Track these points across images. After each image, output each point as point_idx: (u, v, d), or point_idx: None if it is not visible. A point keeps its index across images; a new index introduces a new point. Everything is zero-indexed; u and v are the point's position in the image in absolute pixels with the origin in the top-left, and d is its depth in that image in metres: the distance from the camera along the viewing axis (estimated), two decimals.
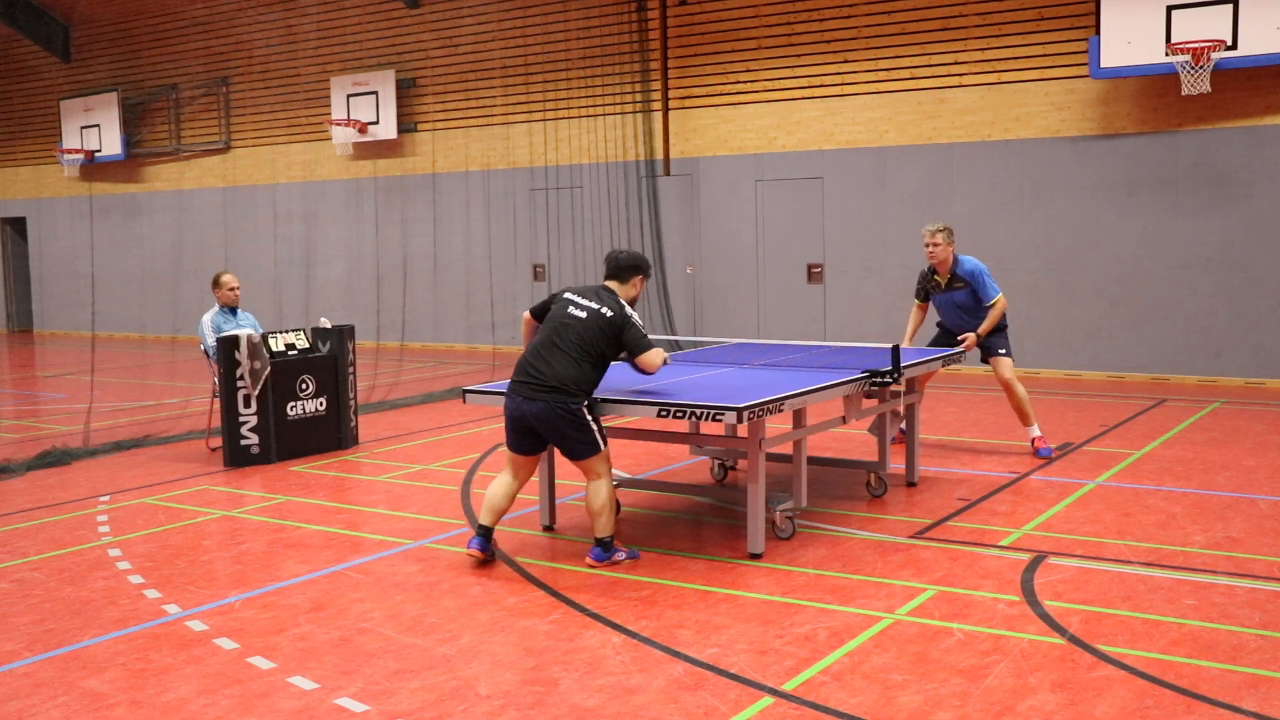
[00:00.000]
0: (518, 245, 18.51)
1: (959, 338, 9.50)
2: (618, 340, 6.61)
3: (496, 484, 6.84)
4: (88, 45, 23.68)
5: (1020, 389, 9.53)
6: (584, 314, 6.62)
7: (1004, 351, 9.57)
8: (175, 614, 6.03)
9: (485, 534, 6.75)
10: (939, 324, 9.95)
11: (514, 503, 6.89)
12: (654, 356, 6.67)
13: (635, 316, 6.69)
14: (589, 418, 6.57)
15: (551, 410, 6.49)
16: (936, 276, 9.62)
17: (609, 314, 6.60)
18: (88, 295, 23.26)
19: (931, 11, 14.89)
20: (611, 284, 6.84)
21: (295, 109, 20.93)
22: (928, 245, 9.47)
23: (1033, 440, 9.57)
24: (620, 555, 6.70)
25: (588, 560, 6.67)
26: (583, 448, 6.61)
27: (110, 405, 13.55)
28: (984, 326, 9.41)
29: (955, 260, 9.51)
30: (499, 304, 18.47)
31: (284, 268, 21.17)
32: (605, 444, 6.67)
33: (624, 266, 6.85)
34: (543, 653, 5.35)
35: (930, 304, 9.88)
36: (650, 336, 6.80)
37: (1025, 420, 9.60)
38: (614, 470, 9.09)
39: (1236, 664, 5.03)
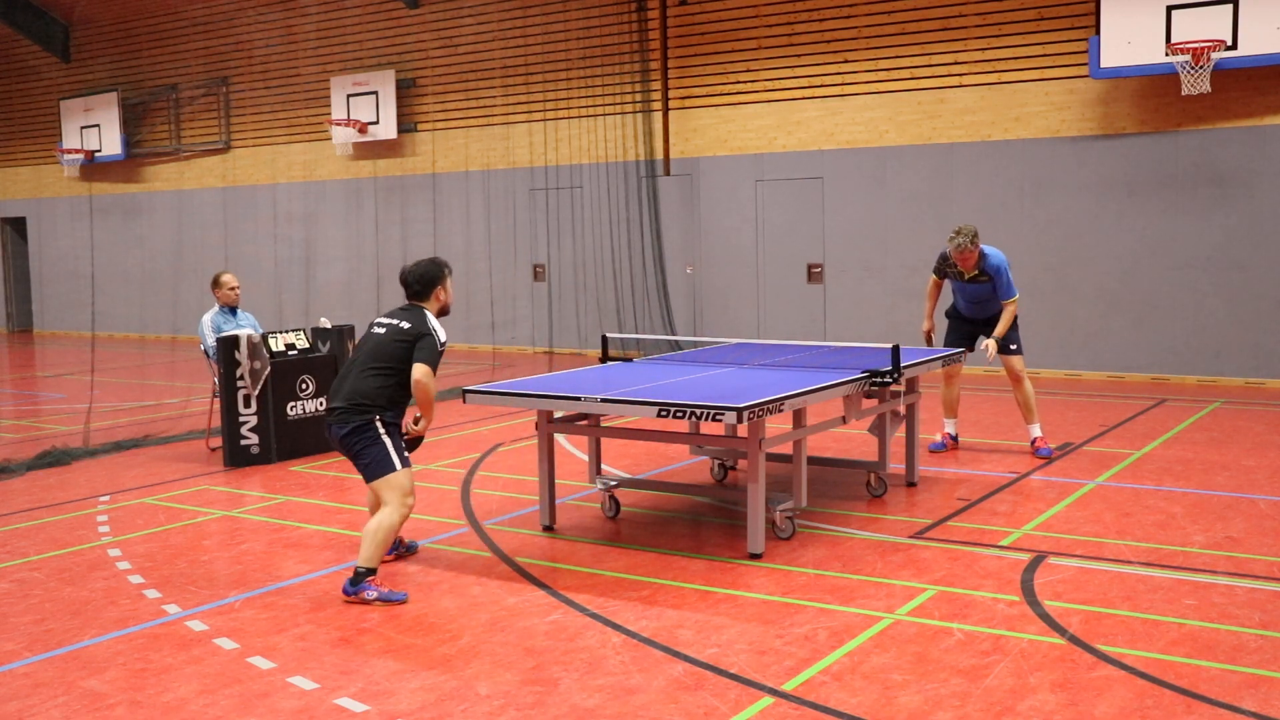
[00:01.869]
0: (518, 245, 18.51)
1: (983, 345, 9.39)
2: (412, 349, 6.29)
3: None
4: (88, 45, 23.68)
5: (1028, 386, 9.56)
6: (382, 330, 6.42)
7: (1015, 348, 9.56)
8: (175, 614, 6.03)
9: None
10: (951, 313, 9.87)
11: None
12: (421, 373, 6.21)
13: (436, 329, 6.34)
14: (381, 431, 6.24)
15: (341, 430, 6.27)
16: (959, 268, 9.46)
17: (406, 326, 6.35)
18: (88, 295, 23.26)
19: (931, 11, 14.89)
20: (416, 302, 6.56)
21: (295, 109, 20.93)
22: (956, 254, 9.24)
23: (1033, 440, 9.58)
24: (371, 594, 6.09)
25: (342, 591, 6.22)
26: (372, 465, 6.23)
27: (110, 405, 13.55)
28: (1000, 329, 9.33)
29: (980, 255, 9.34)
30: (499, 304, 18.47)
31: (284, 268, 21.17)
32: (403, 464, 6.25)
33: (418, 288, 6.53)
34: (543, 653, 5.35)
35: (945, 281, 9.76)
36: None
37: (1028, 418, 9.62)
38: (613, 470, 9.10)
39: (1236, 664, 5.03)
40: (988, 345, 9.35)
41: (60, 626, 5.89)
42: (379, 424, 6.26)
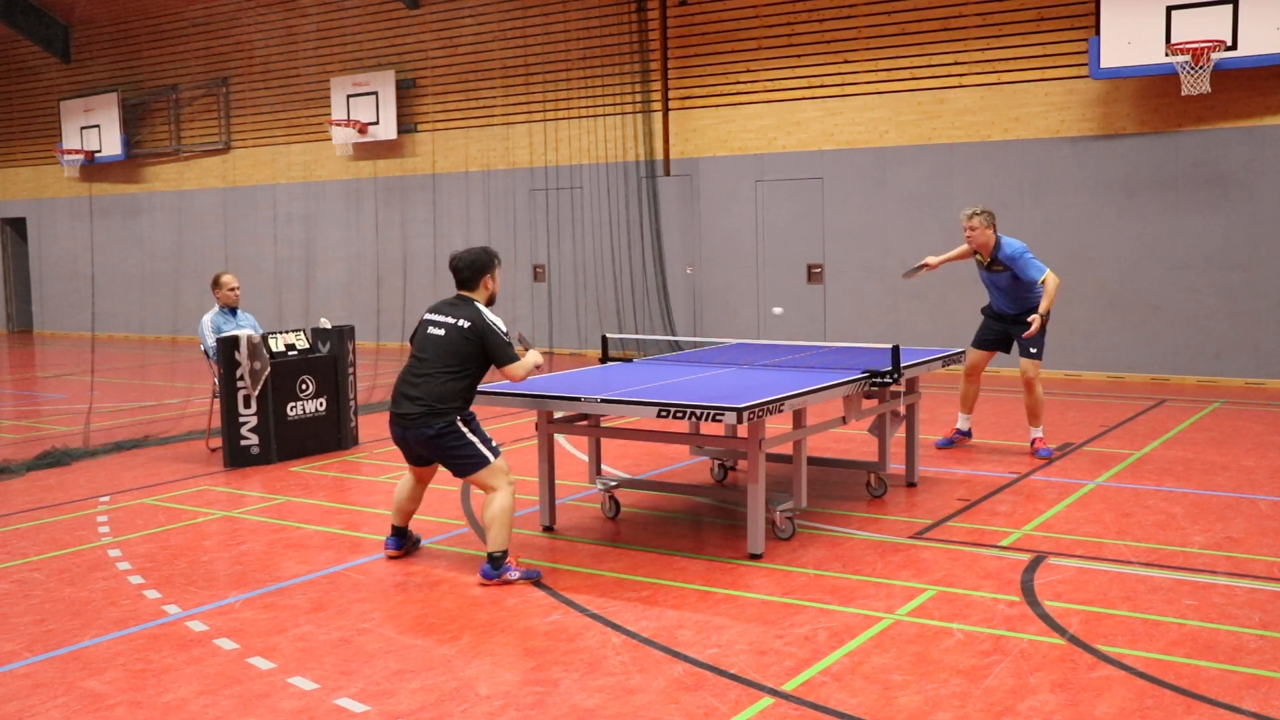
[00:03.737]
0: (518, 245, 18.51)
1: (1028, 319, 9.13)
2: (482, 349, 6.49)
3: (400, 485, 6.94)
4: (88, 45, 23.67)
5: (1040, 391, 9.48)
6: (442, 330, 6.53)
7: (1035, 352, 9.37)
8: (175, 614, 6.03)
9: (398, 534, 6.96)
10: (986, 310, 9.76)
11: (420, 502, 6.96)
12: (517, 369, 6.54)
13: (495, 323, 6.53)
14: (465, 430, 6.43)
15: (425, 432, 6.40)
16: (978, 255, 9.39)
17: (465, 325, 6.49)
18: (88, 295, 23.26)
19: (931, 11, 14.89)
20: (464, 292, 6.71)
21: (295, 109, 20.93)
22: (965, 229, 9.25)
23: (1033, 440, 9.57)
24: (513, 574, 6.34)
25: (478, 578, 6.41)
26: (467, 463, 6.46)
27: (110, 405, 13.55)
28: (1044, 305, 9.10)
29: (997, 243, 9.24)
30: (499, 304, 18.39)
31: (284, 268, 21.17)
32: (496, 455, 6.48)
33: (468, 274, 6.69)
34: (543, 653, 5.35)
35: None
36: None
37: (1033, 421, 9.57)
38: (613, 470, 9.10)
39: (1236, 664, 5.03)
40: (1032, 319, 9.09)
41: (60, 627, 5.89)
42: (460, 424, 6.43)
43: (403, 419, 6.48)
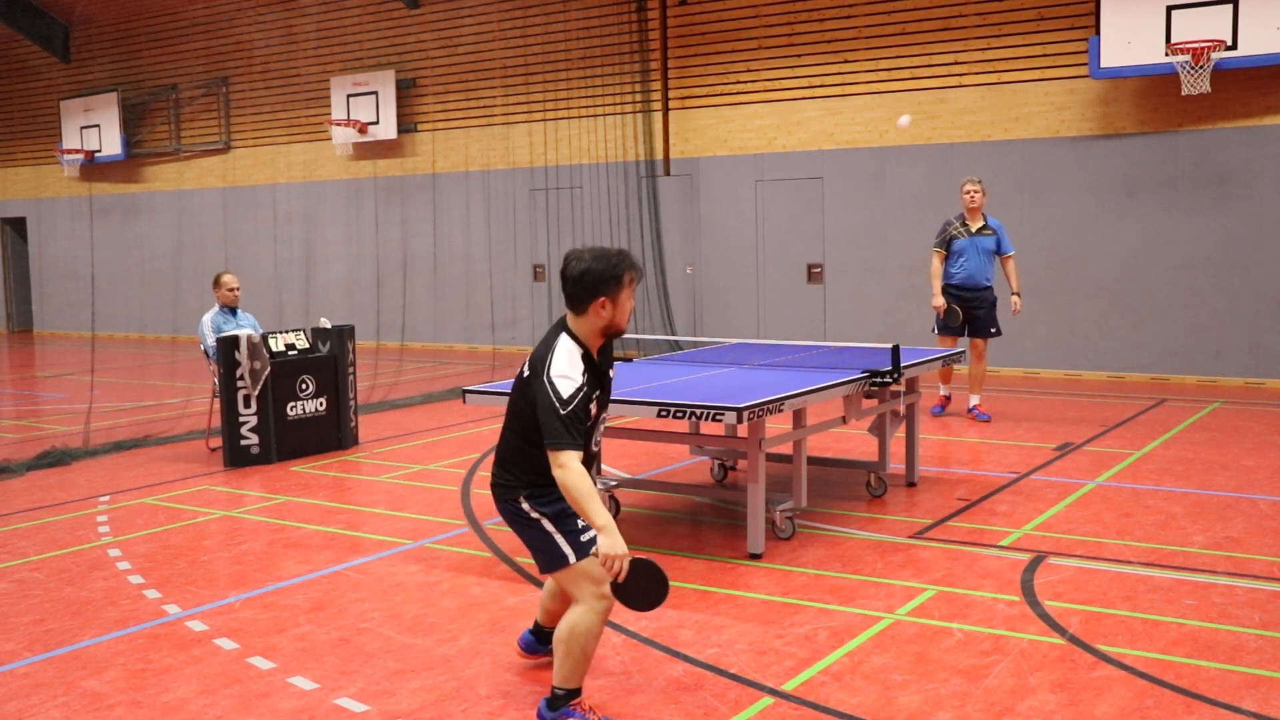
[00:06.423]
0: (518, 245, 18.51)
1: (1012, 303, 11.09)
2: (533, 405, 4.48)
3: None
4: (88, 45, 23.67)
5: (985, 365, 11.18)
6: (524, 368, 4.67)
7: (995, 330, 11.02)
8: (175, 614, 6.03)
9: (535, 631, 5.27)
10: (952, 290, 10.92)
11: (562, 601, 5.00)
12: (555, 467, 4.30)
13: (559, 379, 4.37)
14: (534, 514, 4.56)
15: (500, 509, 4.73)
16: (968, 223, 10.92)
17: (526, 371, 4.59)
18: (88, 295, 23.26)
19: (931, 11, 14.89)
20: (569, 315, 4.60)
21: (295, 109, 20.93)
22: (971, 192, 10.81)
23: (973, 406, 11.11)
24: None
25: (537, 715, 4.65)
26: (543, 557, 4.60)
27: (110, 405, 13.55)
28: (1017, 284, 11.13)
29: (983, 212, 11.02)
30: (499, 304, 18.46)
31: (284, 268, 21.17)
32: (579, 554, 4.48)
33: (573, 290, 4.52)
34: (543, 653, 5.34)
35: (949, 252, 11.00)
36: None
37: (975, 389, 11.15)
38: (613, 470, 9.10)
39: (1236, 664, 5.03)
40: (1015, 301, 11.08)
41: (60, 626, 5.89)
42: (524, 505, 4.59)
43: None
